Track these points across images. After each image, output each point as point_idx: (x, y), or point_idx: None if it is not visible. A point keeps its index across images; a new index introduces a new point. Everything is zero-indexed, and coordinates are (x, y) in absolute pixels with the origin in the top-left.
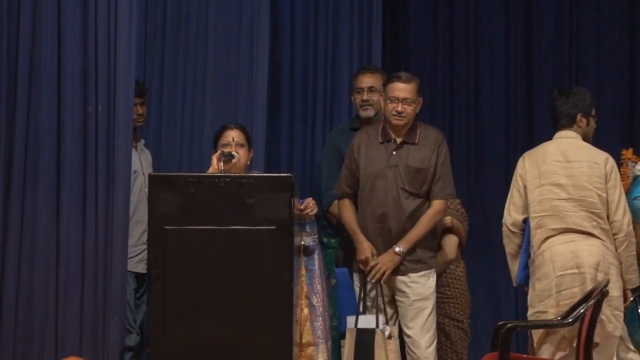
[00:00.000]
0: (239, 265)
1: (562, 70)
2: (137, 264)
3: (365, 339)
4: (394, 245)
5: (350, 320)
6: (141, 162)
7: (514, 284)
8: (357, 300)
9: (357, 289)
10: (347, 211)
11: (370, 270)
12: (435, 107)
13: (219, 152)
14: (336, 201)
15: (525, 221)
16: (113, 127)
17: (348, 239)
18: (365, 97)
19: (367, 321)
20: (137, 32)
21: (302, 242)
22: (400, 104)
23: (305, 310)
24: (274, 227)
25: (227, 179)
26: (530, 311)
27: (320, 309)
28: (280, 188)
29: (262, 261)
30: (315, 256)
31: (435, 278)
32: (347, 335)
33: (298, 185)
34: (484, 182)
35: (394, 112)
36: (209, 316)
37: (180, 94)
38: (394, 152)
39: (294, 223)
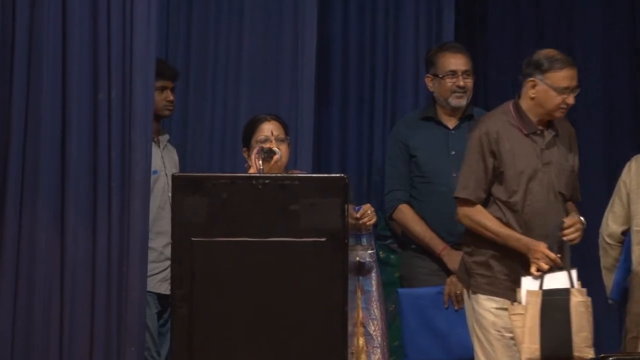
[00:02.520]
0: (280, 286)
1: None
2: (160, 283)
3: (558, 300)
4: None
5: (526, 282)
6: (164, 160)
7: (610, 301)
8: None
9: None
10: (486, 216)
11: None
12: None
13: (257, 149)
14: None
15: (625, 233)
16: (129, 118)
17: (418, 253)
18: (461, 82)
19: (555, 280)
20: (158, 3)
21: (358, 258)
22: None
23: (361, 341)
24: (323, 239)
25: (267, 181)
26: (628, 336)
27: (379, 338)
28: (331, 191)
29: (308, 280)
30: (373, 275)
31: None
32: (529, 298)
33: (353, 188)
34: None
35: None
36: (243, 347)
37: (210, 80)
38: (545, 147)
39: (347, 234)
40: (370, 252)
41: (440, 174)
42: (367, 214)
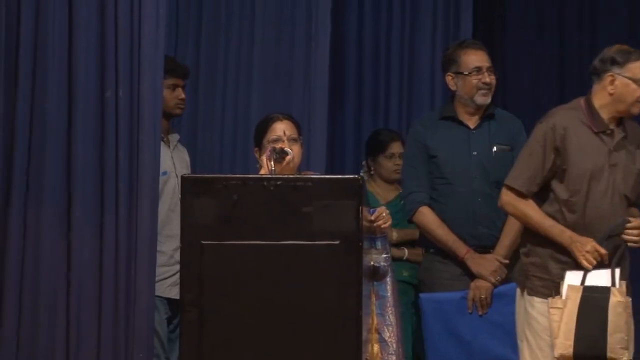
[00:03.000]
0: (292, 290)
1: None
2: (170, 288)
3: (597, 298)
4: None
5: (570, 276)
6: (174, 161)
7: None
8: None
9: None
10: (532, 206)
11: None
12: (542, 93)
13: (269, 149)
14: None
15: None
16: (137, 117)
17: (439, 257)
18: (487, 79)
19: (599, 277)
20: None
21: (372, 262)
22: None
23: (376, 347)
24: (337, 242)
25: (279, 182)
26: None
27: (394, 345)
28: (345, 193)
29: (321, 285)
30: (388, 280)
31: None
32: (569, 293)
33: (367, 189)
34: None
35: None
36: (254, 353)
37: (221, 78)
38: (614, 148)
39: (362, 237)
40: (385, 256)
41: (461, 175)
42: (382, 216)
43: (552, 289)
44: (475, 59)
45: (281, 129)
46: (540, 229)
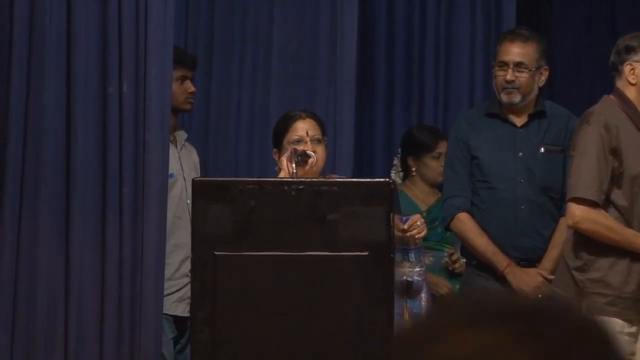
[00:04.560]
0: (316, 307)
1: None
2: (177, 304)
3: None
4: None
5: None
6: (181, 162)
7: None
8: None
9: None
10: (609, 217)
11: None
12: (594, 88)
13: (289, 150)
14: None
15: None
16: (143, 114)
17: (480, 270)
18: (509, 76)
19: None
20: None
21: (405, 277)
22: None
23: None
24: (365, 254)
25: (301, 186)
26: None
27: None
28: (374, 198)
29: (348, 301)
30: (423, 296)
31: None
32: None
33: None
34: None
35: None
36: None
37: (236, 71)
38: None
39: (394, 249)
40: (419, 269)
41: (505, 178)
42: (416, 225)
43: (620, 305)
44: (505, 51)
45: (303, 128)
46: (625, 242)
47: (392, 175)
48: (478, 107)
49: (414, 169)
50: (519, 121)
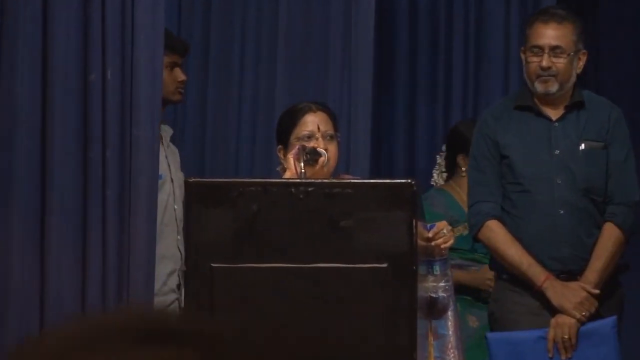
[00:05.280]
0: (328, 327)
1: None
2: None
3: None
4: None
5: None
6: (168, 161)
7: None
8: None
9: None
10: None
11: None
12: None
13: (297, 147)
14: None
15: None
16: (130, 106)
17: (512, 285)
18: (545, 62)
19: None
20: None
21: (430, 293)
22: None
23: None
24: (384, 266)
25: (310, 188)
26: None
27: None
28: (394, 202)
29: (365, 320)
30: (449, 314)
31: None
32: None
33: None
34: None
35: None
36: None
37: (237, 58)
38: None
39: (417, 260)
40: (444, 284)
41: (540, 180)
42: (442, 233)
43: None
44: (538, 34)
45: (314, 122)
46: None
47: (435, 175)
48: (506, 99)
49: (463, 168)
50: (554, 114)
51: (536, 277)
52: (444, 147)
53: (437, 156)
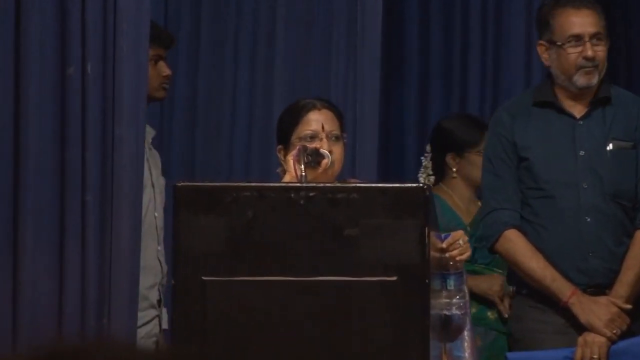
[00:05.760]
0: (331, 347)
1: None
2: (144, 340)
3: None
4: None
5: None
6: (149, 164)
7: None
8: None
9: None
10: None
11: None
12: None
13: (298, 148)
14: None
15: None
16: (112, 103)
17: (534, 301)
18: (590, 52)
19: None
20: None
21: (444, 310)
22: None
23: None
24: (393, 279)
25: (312, 193)
26: None
27: None
28: (405, 209)
29: (372, 339)
30: (465, 334)
31: None
32: None
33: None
34: None
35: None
36: None
37: (230, 51)
38: None
39: (429, 273)
40: (459, 300)
41: (564, 184)
42: (457, 244)
43: None
44: (574, 22)
45: (318, 121)
46: None
47: (421, 179)
48: (523, 94)
49: (454, 169)
50: (577, 111)
51: (561, 292)
52: (428, 148)
53: (422, 158)
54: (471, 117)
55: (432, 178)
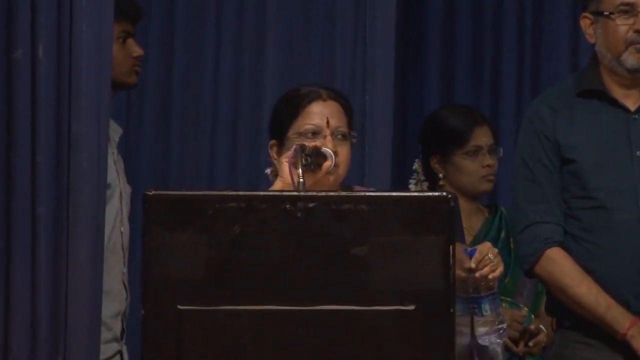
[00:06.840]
0: None
1: None
2: None
3: None
4: None
5: None
6: (116, 167)
7: None
8: None
9: None
10: None
11: None
12: None
13: (294, 147)
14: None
15: None
16: (69, 94)
17: (582, 335)
18: None
19: None
20: None
21: (478, 339)
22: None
23: None
24: (410, 308)
25: (312, 204)
26: None
27: None
28: (425, 223)
29: None
30: None
31: None
32: None
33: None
34: None
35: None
36: None
37: (212, 34)
38: None
39: (454, 298)
40: (498, 327)
41: (619, 191)
42: (487, 259)
43: None
44: None
45: (322, 114)
46: None
47: (412, 187)
48: (564, 82)
49: (440, 175)
50: (631, 102)
51: (618, 323)
52: (420, 147)
53: (415, 161)
54: (462, 108)
55: (425, 184)
